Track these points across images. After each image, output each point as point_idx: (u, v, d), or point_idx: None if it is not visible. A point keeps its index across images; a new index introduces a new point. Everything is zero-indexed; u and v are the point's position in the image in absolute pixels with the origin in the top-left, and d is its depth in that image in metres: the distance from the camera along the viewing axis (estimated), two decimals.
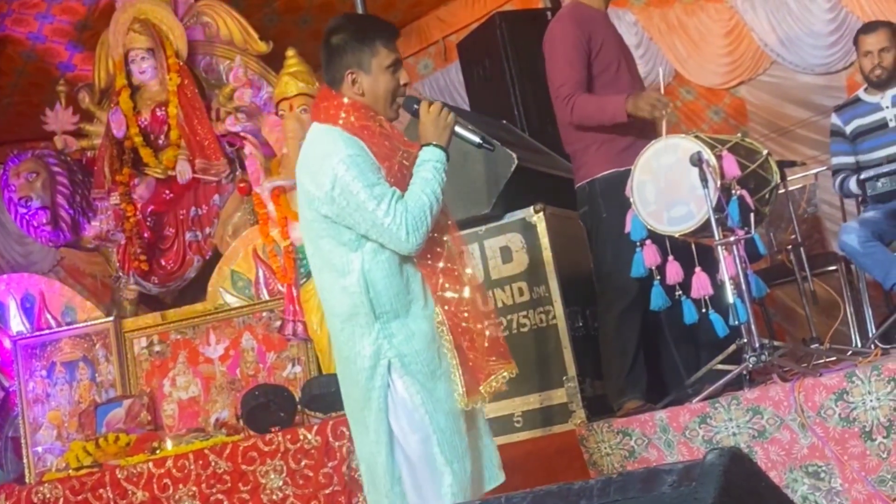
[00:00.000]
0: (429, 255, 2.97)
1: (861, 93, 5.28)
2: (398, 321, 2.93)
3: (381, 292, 2.92)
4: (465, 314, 2.98)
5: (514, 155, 4.64)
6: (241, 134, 5.75)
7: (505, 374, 3.02)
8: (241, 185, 5.69)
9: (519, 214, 4.52)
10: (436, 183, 2.94)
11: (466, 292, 2.99)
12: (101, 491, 4.48)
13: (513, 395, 4.33)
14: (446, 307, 2.97)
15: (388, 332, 2.93)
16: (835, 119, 5.29)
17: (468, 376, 2.97)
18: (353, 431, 3.10)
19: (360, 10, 5.65)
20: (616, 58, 4.42)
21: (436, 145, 2.97)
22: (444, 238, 3.01)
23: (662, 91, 4.26)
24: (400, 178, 2.96)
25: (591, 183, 4.36)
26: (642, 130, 4.26)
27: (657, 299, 4.05)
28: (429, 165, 2.95)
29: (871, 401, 3.46)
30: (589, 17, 4.42)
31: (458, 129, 3.07)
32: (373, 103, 3.02)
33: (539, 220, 4.46)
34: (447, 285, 2.97)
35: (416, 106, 3.08)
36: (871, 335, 5.04)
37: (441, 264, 2.98)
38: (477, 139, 3.10)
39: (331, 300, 3.01)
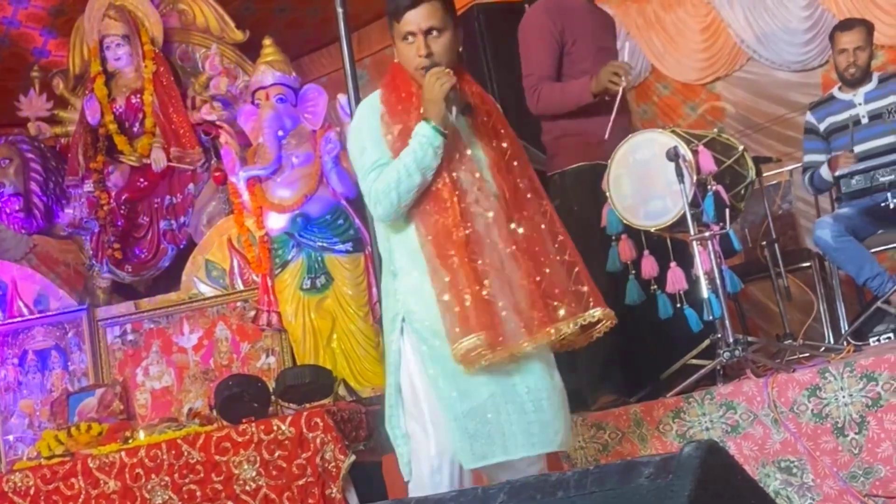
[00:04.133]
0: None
1: (835, 90, 5.32)
2: (408, 278, 2.97)
3: (394, 249, 3.02)
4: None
5: None
6: (217, 123, 5.73)
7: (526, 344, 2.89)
8: (217, 174, 5.67)
9: None
10: (411, 156, 2.92)
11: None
12: (72, 480, 4.45)
13: None
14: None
15: (399, 288, 2.99)
16: (809, 116, 5.33)
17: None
18: None
19: (337, 1, 5.61)
20: (591, 52, 4.42)
21: (425, 119, 2.96)
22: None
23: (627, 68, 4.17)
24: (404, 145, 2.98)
25: (562, 175, 4.37)
26: (614, 128, 4.25)
27: (632, 293, 4.07)
28: (415, 139, 2.95)
29: (843, 397, 3.48)
30: (565, 9, 4.42)
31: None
32: (408, 70, 3.06)
33: None
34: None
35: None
36: (844, 331, 5.09)
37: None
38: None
39: None
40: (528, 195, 3.07)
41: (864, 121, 5.14)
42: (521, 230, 2.98)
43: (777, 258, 5.21)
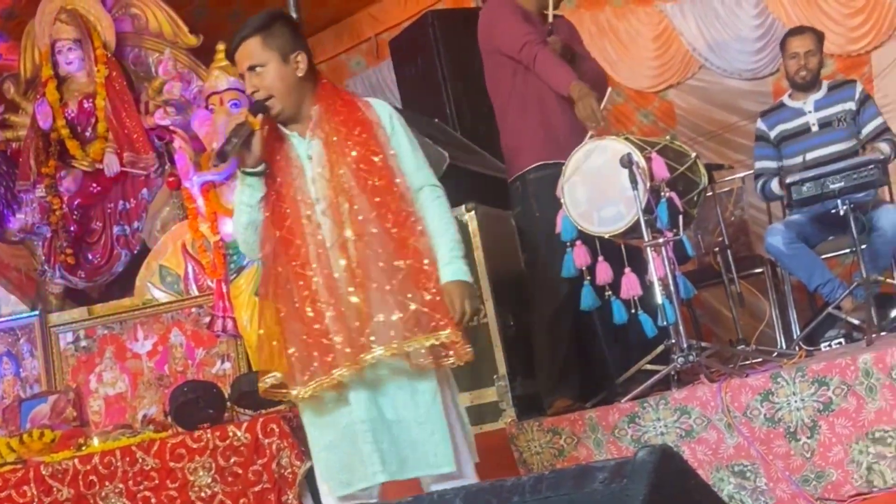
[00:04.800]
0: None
1: (785, 98, 5.39)
2: None
3: None
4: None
5: (446, 154, 4.66)
6: (171, 128, 5.67)
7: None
8: (171, 179, 5.62)
9: None
10: (236, 195, 3.09)
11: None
12: (24, 488, 4.38)
13: None
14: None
15: None
16: (760, 124, 5.41)
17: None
18: None
19: (291, 6, 5.61)
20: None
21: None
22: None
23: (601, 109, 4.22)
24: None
25: (523, 182, 4.38)
26: (574, 126, 4.28)
27: (587, 299, 4.10)
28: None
29: (795, 401, 3.53)
30: (524, 14, 4.45)
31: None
32: None
33: (471, 220, 4.49)
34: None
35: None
36: (795, 337, 5.15)
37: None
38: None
39: None
40: (377, 211, 2.94)
41: (815, 129, 5.22)
42: (354, 250, 2.92)
43: (730, 264, 5.27)
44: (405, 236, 2.92)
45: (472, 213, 4.48)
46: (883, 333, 4.40)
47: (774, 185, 5.18)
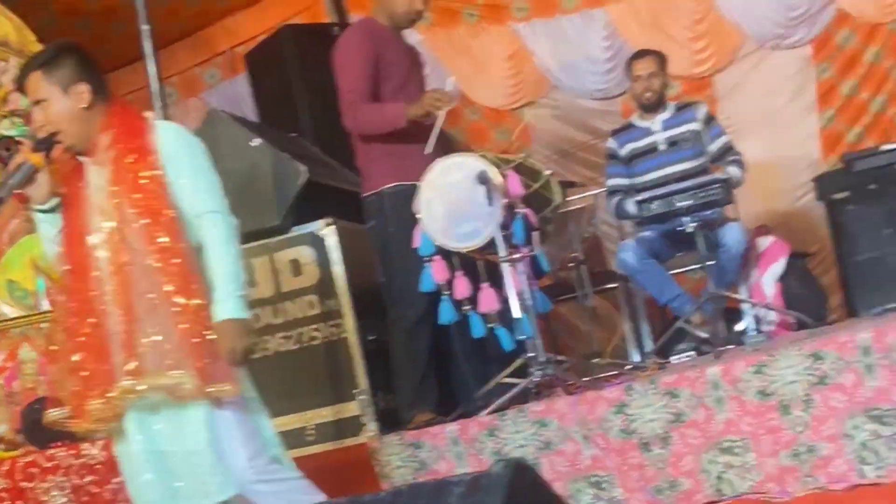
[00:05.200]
0: None
1: (634, 118, 5.52)
2: None
3: None
4: None
5: (304, 168, 4.62)
6: (17, 139, 5.48)
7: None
8: (18, 192, 5.42)
9: (309, 228, 4.51)
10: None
11: None
12: None
13: (305, 409, 4.35)
14: None
15: None
16: (611, 143, 5.51)
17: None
18: None
19: (142, 18, 5.47)
20: (405, 77, 4.47)
21: None
22: None
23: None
24: None
25: (378, 196, 4.38)
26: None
27: (446, 314, 4.10)
28: None
29: (648, 413, 3.58)
30: (380, 35, 4.45)
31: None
32: None
33: (329, 234, 4.47)
34: None
35: None
36: (648, 350, 5.25)
37: None
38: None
39: None
40: (147, 239, 2.90)
41: (663, 147, 5.34)
42: (123, 280, 2.89)
43: (584, 280, 5.35)
44: (170, 267, 2.87)
45: (331, 227, 4.47)
46: (730, 347, 4.51)
47: (626, 203, 5.29)
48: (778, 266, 5.26)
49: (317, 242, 4.48)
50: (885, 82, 6.58)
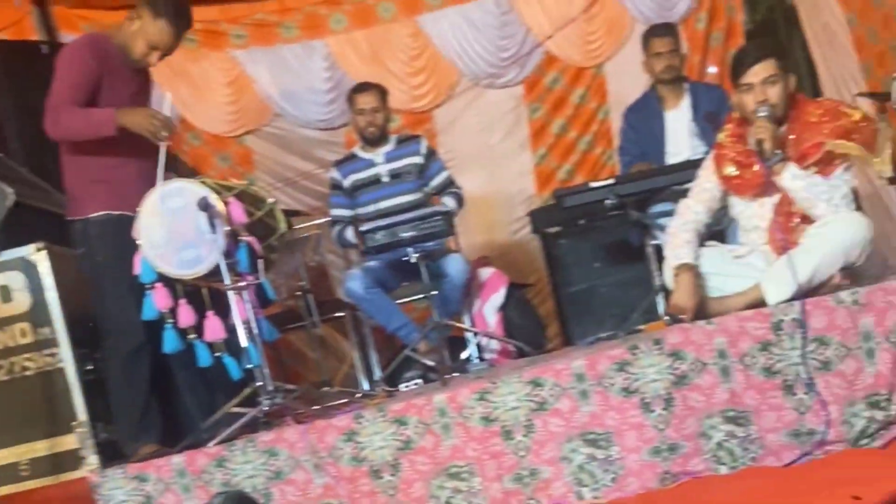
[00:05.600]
0: None
1: (357, 149, 5.59)
2: None
3: None
4: None
5: (11, 190, 4.35)
6: None
7: None
8: None
9: (18, 252, 4.24)
10: None
11: None
12: None
13: (17, 443, 4.13)
14: None
15: None
16: (334, 173, 5.55)
17: None
18: None
19: None
20: (128, 102, 4.25)
21: None
22: None
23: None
24: None
25: (84, 223, 4.17)
26: (142, 172, 4.13)
27: (170, 342, 3.94)
28: None
29: (378, 441, 3.58)
30: (110, 54, 4.22)
31: None
32: None
33: (41, 259, 4.21)
34: None
35: None
36: (377, 378, 5.29)
37: None
38: None
39: None
40: None
41: (385, 179, 5.42)
42: None
43: (312, 308, 5.32)
44: None
45: (43, 252, 4.21)
46: (455, 374, 4.60)
47: (349, 232, 5.32)
48: (498, 296, 5.45)
49: (28, 268, 4.22)
50: (591, 122, 6.99)
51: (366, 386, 5.40)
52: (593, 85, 7.02)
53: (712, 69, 6.80)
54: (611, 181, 4.88)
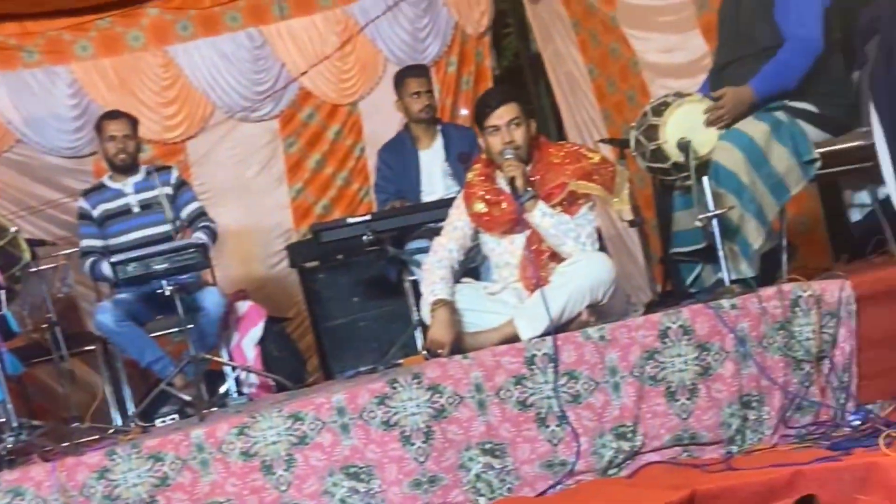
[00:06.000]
0: None
1: (106, 179, 5.45)
2: None
3: None
4: None
5: None
6: None
7: None
8: None
9: None
10: None
11: None
12: None
13: None
14: None
15: None
16: (82, 203, 5.41)
17: None
18: None
19: None
20: None
21: None
22: None
23: None
24: None
25: None
26: None
27: None
28: None
29: (132, 478, 3.47)
30: None
31: None
32: None
33: None
34: None
35: None
36: (130, 413, 5.14)
37: None
38: None
39: None
40: None
41: (136, 210, 5.33)
42: None
43: (59, 341, 5.11)
44: None
45: None
46: (213, 409, 4.54)
47: (105, 266, 5.14)
48: (257, 330, 5.42)
49: None
50: (347, 159, 7.10)
51: (119, 421, 5.22)
52: (349, 122, 7.13)
53: (464, 111, 7.05)
54: (367, 217, 4.98)
